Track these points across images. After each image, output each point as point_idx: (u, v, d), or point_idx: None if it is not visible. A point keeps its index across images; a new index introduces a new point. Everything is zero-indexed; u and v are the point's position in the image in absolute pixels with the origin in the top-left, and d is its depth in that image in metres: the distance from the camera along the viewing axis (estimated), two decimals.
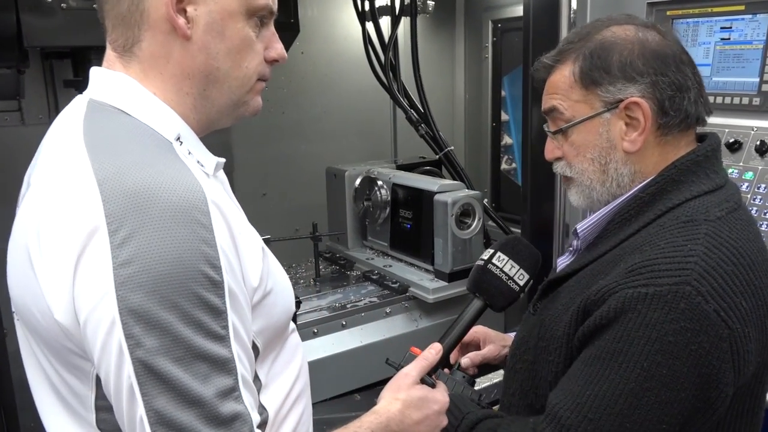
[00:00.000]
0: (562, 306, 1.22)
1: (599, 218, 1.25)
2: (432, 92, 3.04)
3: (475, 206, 2.28)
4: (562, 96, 1.22)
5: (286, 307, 1.09)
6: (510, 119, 3.13)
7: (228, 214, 0.89)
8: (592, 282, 1.16)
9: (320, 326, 2.13)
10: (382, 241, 2.59)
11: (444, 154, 2.65)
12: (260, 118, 2.88)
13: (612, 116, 1.19)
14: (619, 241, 1.18)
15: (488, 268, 1.36)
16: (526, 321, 1.38)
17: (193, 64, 0.98)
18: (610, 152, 1.21)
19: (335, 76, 3.02)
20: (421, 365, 1.27)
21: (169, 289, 0.80)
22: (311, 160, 2.95)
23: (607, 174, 1.22)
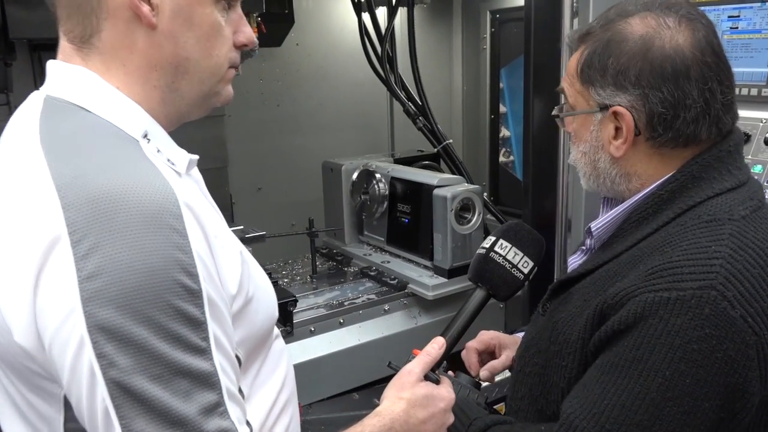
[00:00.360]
0: (576, 308, 1.15)
1: (614, 216, 1.18)
2: (429, 84, 2.97)
3: (475, 201, 2.21)
4: (570, 82, 1.17)
5: (268, 313, 1.02)
6: (508, 111, 3.07)
7: (203, 217, 0.82)
8: (608, 284, 1.09)
9: (317, 324, 2.07)
10: (378, 236, 2.51)
11: (442, 147, 2.58)
12: (255, 111, 2.87)
13: (603, 117, 1.13)
14: (637, 241, 1.11)
15: (490, 257, 1.29)
16: (535, 322, 1.31)
17: (160, 55, 0.90)
18: (597, 151, 1.16)
19: (331, 69, 2.95)
20: (424, 361, 1.20)
21: (141, 301, 0.73)
22: (307, 154, 2.88)
23: (597, 171, 1.17)
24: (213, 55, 0.95)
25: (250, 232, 2.22)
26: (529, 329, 1.34)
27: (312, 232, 2.35)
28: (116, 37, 0.89)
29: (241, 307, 0.91)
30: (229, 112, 2.70)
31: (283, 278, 2.37)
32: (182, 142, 2.48)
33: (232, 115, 2.72)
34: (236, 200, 2.79)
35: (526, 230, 1.32)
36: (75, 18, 0.88)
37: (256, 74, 2.78)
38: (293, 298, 1.88)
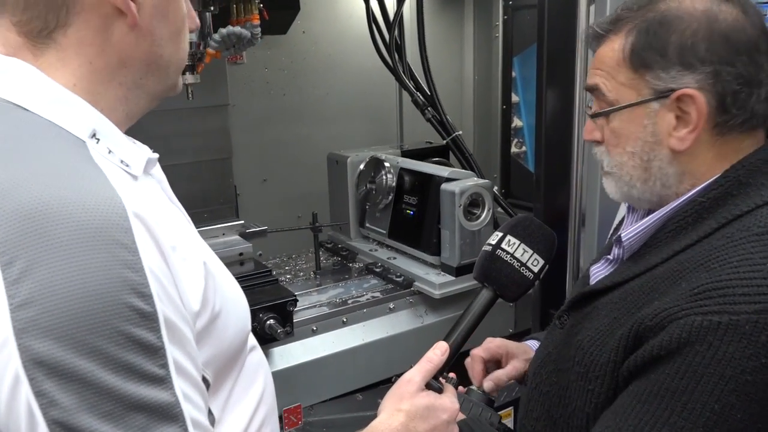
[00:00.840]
0: (605, 327, 1.03)
1: (649, 225, 1.06)
2: (439, 73, 2.85)
3: (484, 196, 2.10)
4: (607, 74, 1.04)
5: (239, 327, 0.92)
6: (520, 101, 2.94)
7: (157, 227, 0.73)
8: (643, 301, 0.98)
9: (319, 323, 1.97)
10: (380, 229, 2.39)
11: (451, 139, 2.47)
12: (260, 101, 2.77)
13: (660, 107, 1.00)
14: (674, 252, 1.00)
15: (497, 255, 1.18)
16: (552, 334, 1.21)
17: (135, 53, 0.83)
18: (654, 148, 1.02)
19: (339, 57, 2.84)
20: (425, 369, 1.10)
21: (84, 330, 0.63)
22: (314, 145, 2.78)
23: (649, 172, 1.04)
24: (181, 50, 0.90)
25: (251, 227, 2.13)
26: (545, 342, 1.23)
27: (315, 227, 2.25)
28: (87, 33, 0.80)
29: (206, 324, 0.81)
30: (234, 102, 2.61)
31: (285, 274, 2.28)
32: (185, 132, 2.40)
33: (237, 104, 2.63)
34: (241, 192, 2.70)
35: (536, 225, 1.21)
36: (35, 9, 0.79)
37: (261, 63, 2.68)
38: (293, 298, 1.79)
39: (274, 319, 1.74)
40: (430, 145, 2.65)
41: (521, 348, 1.40)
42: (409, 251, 2.29)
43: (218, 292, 0.85)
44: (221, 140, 2.61)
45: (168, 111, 2.46)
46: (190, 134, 2.54)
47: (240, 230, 2.09)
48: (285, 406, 1.89)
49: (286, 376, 1.88)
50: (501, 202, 2.46)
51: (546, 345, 1.22)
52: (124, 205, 0.69)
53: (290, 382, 1.89)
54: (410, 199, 2.27)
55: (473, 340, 1.29)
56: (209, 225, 2.09)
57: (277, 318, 1.74)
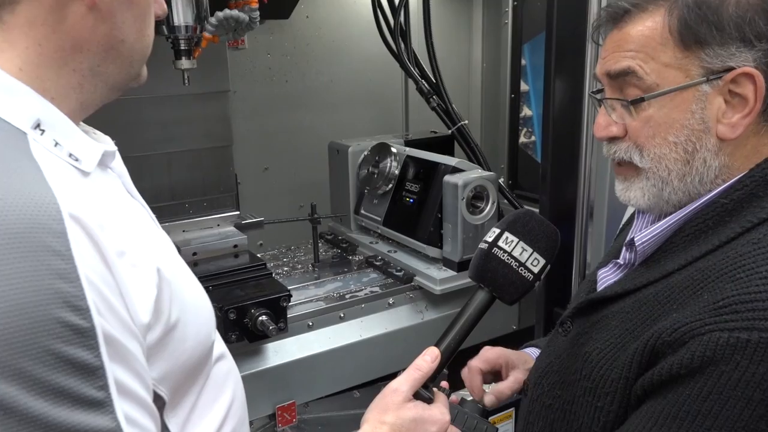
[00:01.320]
0: (616, 339, 0.94)
1: (665, 228, 0.96)
2: (447, 61, 2.75)
3: (488, 189, 2.01)
4: (645, 55, 0.91)
5: (200, 338, 0.84)
6: (530, 90, 2.83)
7: (99, 229, 0.65)
8: (660, 312, 0.89)
9: (316, 319, 1.89)
10: (375, 216, 2.28)
11: (457, 128, 2.37)
12: (262, 87, 2.67)
13: (712, 89, 0.89)
14: (693, 259, 0.90)
15: (493, 253, 1.06)
16: (554, 342, 1.11)
17: (92, 36, 0.75)
18: (701, 137, 0.91)
19: (343, 43, 2.74)
20: (413, 377, 1.01)
21: (6, 351, 0.55)
22: (317, 133, 2.68)
23: (691, 165, 0.92)
24: (145, 36, 0.81)
25: (247, 218, 2.05)
26: (546, 351, 1.14)
27: (314, 218, 2.16)
28: (37, 12, 0.71)
29: (160, 337, 0.73)
30: (235, 88, 2.52)
31: (283, 266, 2.19)
32: (184, 119, 2.32)
33: (238, 91, 2.54)
34: (241, 181, 2.62)
35: (537, 221, 1.09)
36: None
37: (263, 48, 2.58)
38: (286, 293, 1.71)
39: (267, 315, 1.66)
40: (435, 134, 2.55)
41: (521, 357, 1.32)
42: (403, 240, 2.18)
43: (175, 301, 0.77)
44: (221, 127, 2.53)
45: (166, 97, 2.38)
46: (189, 121, 2.46)
47: (235, 221, 2.02)
48: (279, 403, 1.82)
49: (281, 372, 1.81)
50: (507, 195, 2.36)
51: (548, 353, 1.13)
52: (59, 206, 0.61)
53: (284, 378, 1.82)
54: (412, 186, 2.17)
55: (470, 342, 1.20)
56: (204, 215, 2.00)
57: (270, 314, 1.67)
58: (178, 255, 0.89)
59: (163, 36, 2.02)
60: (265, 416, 1.85)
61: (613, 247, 1.18)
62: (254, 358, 1.79)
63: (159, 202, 2.46)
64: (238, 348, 1.74)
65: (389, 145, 2.27)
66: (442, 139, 2.49)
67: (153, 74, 2.33)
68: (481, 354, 1.31)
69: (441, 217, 2.04)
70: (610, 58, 0.96)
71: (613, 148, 0.99)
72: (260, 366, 1.79)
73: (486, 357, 1.30)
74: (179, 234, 1.93)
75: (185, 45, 2.01)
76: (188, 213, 2.49)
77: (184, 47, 2.01)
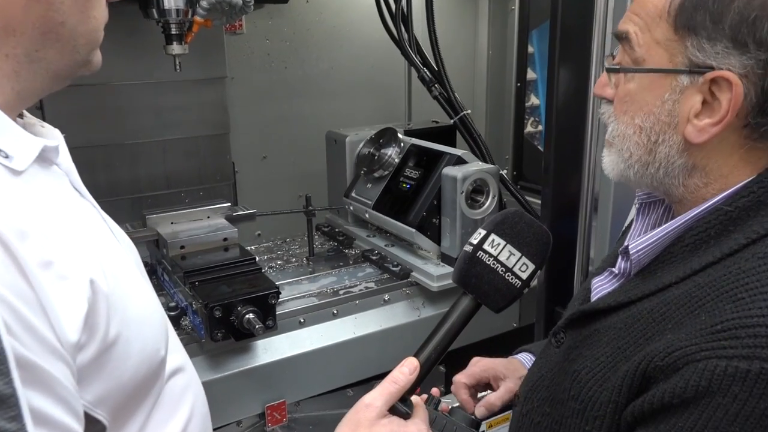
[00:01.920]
0: (606, 357, 0.85)
1: (663, 236, 0.87)
2: (451, 48, 2.65)
3: (489, 182, 1.91)
4: (644, 24, 0.83)
5: (147, 354, 0.76)
6: (538, 78, 2.73)
7: (19, 238, 0.57)
8: (653, 331, 0.80)
9: (308, 315, 1.81)
10: (366, 199, 2.15)
11: (459, 118, 2.27)
12: (260, 74, 2.57)
13: (690, 84, 0.80)
14: (692, 272, 0.81)
15: (478, 257, 0.96)
16: (547, 353, 1.03)
17: (26, 19, 0.66)
18: (665, 130, 0.83)
19: (344, 29, 2.64)
20: (389, 391, 0.91)
21: None
22: (317, 121, 2.59)
23: (653, 155, 0.85)
24: (91, 18, 0.73)
25: (239, 209, 1.97)
26: (539, 363, 1.05)
27: (309, 210, 2.08)
28: None
29: (95, 356, 0.65)
30: (232, 74, 2.44)
31: (277, 259, 2.11)
32: (179, 106, 2.23)
33: (236, 77, 2.46)
34: (239, 170, 2.55)
35: (527, 222, 0.98)
36: None
37: (261, 33, 2.49)
38: (275, 290, 1.62)
39: (254, 313, 1.58)
40: (436, 124, 2.45)
41: (511, 367, 1.23)
42: (390, 226, 2.05)
43: (115, 315, 0.69)
44: (219, 115, 2.45)
45: (161, 83, 2.30)
46: (185, 108, 2.38)
47: (226, 213, 1.93)
48: (269, 402, 1.75)
49: (270, 370, 1.74)
50: (510, 187, 2.26)
51: (540, 366, 1.05)
52: None
53: (274, 376, 1.75)
54: (411, 173, 2.06)
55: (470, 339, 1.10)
56: (194, 207, 1.92)
57: (257, 312, 1.58)
58: (129, 261, 0.81)
59: (153, 20, 1.94)
60: (254, 415, 1.77)
61: (612, 253, 1.09)
62: (243, 356, 1.72)
63: (154, 190, 2.39)
64: (225, 345, 1.66)
65: (396, 131, 2.17)
66: (443, 129, 2.39)
67: (147, 60, 2.26)
68: (467, 368, 1.23)
69: (437, 205, 1.94)
70: (624, 17, 0.88)
71: (602, 109, 0.93)
72: (249, 364, 1.71)
73: (471, 371, 1.22)
74: (167, 226, 1.84)
75: (176, 29, 1.92)
76: (184, 202, 2.42)
77: (175, 32, 1.92)
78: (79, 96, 2.17)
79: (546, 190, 1.97)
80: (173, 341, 0.91)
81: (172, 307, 1.68)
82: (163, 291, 1.86)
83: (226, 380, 1.68)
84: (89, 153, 2.21)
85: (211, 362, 1.68)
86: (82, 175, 0.85)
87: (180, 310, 1.69)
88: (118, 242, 0.87)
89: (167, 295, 1.83)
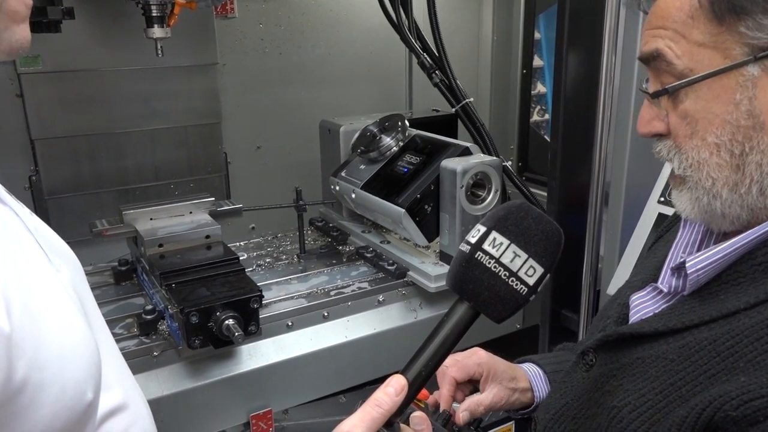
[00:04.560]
0: (656, 396, 0.69)
1: (731, 252, 0.71)
2: (454, 33, 2.47)
3: (491, 176, 1.74)
4: (675, 33, 0.69)
5: (69, 401, 0.61)
6: (545, 65, 2.55)
7: None
8: (718, 367, 0.64)
9: (296, 318, 1.65)
10: (355, 179, 1.96)
11: (461, 106, 2.10)
12: (254, 60, 2.39)
13: (762, 72, 0.64)
14: (767, 297, 0.65)
15: (477, 259, 0.78)
16: (573, 377, 0.86)
17: None
18: (751, 135, 0.67)
19: (342, 12, 2.47)
20: (371, 417, 0.74)
21: None
22: (313, 109, 2.42)
23: (743, 172, 0.69)
24: None
25: (223, 204, 1.81)
26: (563, 387, 0.88)
27: (299, 205, 1.91)
28: None
29: None
30: (224, 61, 2.28)
31: (266, 257, 1.95)
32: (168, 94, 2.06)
33: (227, 63, 2.30)
34: (232, 160, 2.39)
35: (535, 217, 0.80)
36: None
37: (254, 17, 2.32)
38: (257, 294, 1.46)
39: (234, 319, 1.42)
40: (437, 113, 2.28)
41: (509, 372, 1.06)
42: (377, 206, 1.85)
43: (22, 357, 0.54)
44: (210, 103, 2.30)
45: (148, 70, 2.14)
46: (174, 96, 2.22)
47: (210, 209, 1.77)
48: (253, 412, 1.60)
49: (255, 377, 1.58)
50: (515, 179, 2.09)
51: (564, 391, 0.88)
52: None
53: (259, 384, 1.59)
54: (413, 158, 1.88)
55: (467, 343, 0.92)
56: (175, 202, 1.76)
57: (238, 317, 1.43)
58: (56, 285, 0.65)
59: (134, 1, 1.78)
60: (238, 425, 1.62)
61: (648, 263, 0.91)
62: (225, 362, 1.56)
63: (142, 182, 2.24)
64: (205, 351, 1.51)
65: (403, 118, 2.00)
66: (444, 118, 2.22)
67: (134, 45, 2.09)
68: (461, 360, 1.05)
69: (434, 191, 1.77)
70: (643, 38, 0.73)
71: (657, 146, 0.76)
72: (232, 371, 1.56)
73: (465, 365, 1.04)
74: (146, 222, 1.68)
75: (157, 11, 1.75)
76: (174, 195, 2.27)
77: (156, 13, 1.76)
78: (61, 83, 2.02)
79: (552, 182, 1.81)
80: (111, 376, 0.76)
81: (148, 311, 1.52)
82: (142, 292, 1.71)
83: (207, 389, 1.53)
84: (72, 143, 2.07)
85: (191, 369, 1.53)
86: (64, 167, 0.70)
87: (157, 313, 1.53)
88: (47, 260, 0.71)
89: (146, 297, 1.67)
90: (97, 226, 1.68)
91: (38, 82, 1.98)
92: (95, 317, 0.83)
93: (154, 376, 1.49)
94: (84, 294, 0.81)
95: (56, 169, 2.03)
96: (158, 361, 1.50)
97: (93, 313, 0.83)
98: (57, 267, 0.74)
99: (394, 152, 1.94)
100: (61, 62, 1.99)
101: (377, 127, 2.02)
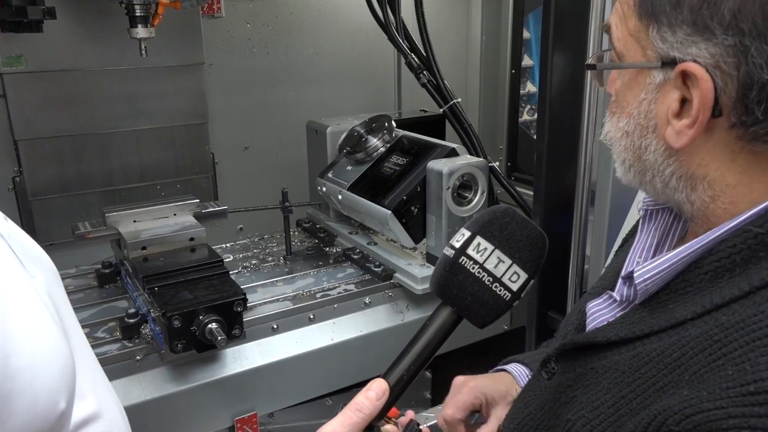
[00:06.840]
0: (607, 408, 0.67)
1: (676, 262, 0.69)
2: (443, 33, 2.46)
3: (477, 177, 1.72)
4: (622, 14, 0.69)
5: (38, 411, 0.60)
6: (535, 64, 2.53)
7: None
8: (665, 380, 0.62)
9: (281, 321, 1.64)
10: (342, 180, 1.94)
11: (449, 107, 2.08)
12: (241, 60, 2.37)
13: (665, 80, 0.64)
14: (713, 307, 0.63)
15: (460, 264, 0.77)
16: (536, 386, 0.85)
17: None
18: (647, 134, 0.69)
19: (330, 12, 2.44)
20: (351, 421, 0.73)
21: None
22: (300, 110, 2.40)
23: (643, 162, 0.70)
24: None
25: (208, 206, 1.79)
26: (527, 397, 0.87)
27: (285, 206, 1.89)
28: None
29: None
30: (211, 60, 2.25)
31: (252, 259, 1.93)
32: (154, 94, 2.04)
33: (214, 63, 2.27)
34: (219, 161, 2.37)
35: (519, 222, 0.79)
36: None
37: (241, 16, 2.30)
38: (241, 297, 1.44)
39: (217, 323, 1.40)
40: (425, 113, 2.26)
41: (501, 388, 1.05)
42: (364, 208, 1.83)
43: None
44: (196, 103, 2.27)
45: (133, 69, 2.11)
46: (160, 96, 2.19)
47: (195, 210, 1.75)
48: (238, 415, 1.58)
49: (240, 381, 1.57)
50: (502, 179, 2.07)
51: (527, 401, 0.87)
52: None
53: (244, 388, 1.57)
54: (399, 159, 1.87)
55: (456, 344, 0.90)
56: (159, 203, 1.74)
57: (221, 321, 1.41)
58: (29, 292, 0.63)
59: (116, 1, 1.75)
60: (224, 429, 1.60)
61: (609, 270, 0.90)
62: (209, 366, 1.54)
63: (127, 183, 2.21)
64: (188, 355, 1.49)
65: (390, 119, 1.98)
66: (432, 119, 2.20)
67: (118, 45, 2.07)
68: (455, 400, 1.04)
69: (421, 193, 1.75)
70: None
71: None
72: (216, 374, 1.54)
73: (462, 402, 1.03)
74: (129, 224, 1.66)
75: (141, 11, 1.73)
76: (160, 196, 2.24)
77: (139, 13, 1.74)
78: (45, 83, 1.99)
79: (538, 182, 1.79)
80: (86, 384, 0.74)
81: (131, 314, 1.50)
82: (125, 295, 1.68)
83: (190, 392, 1.51)
84: (57, 143, 2.04)
85: (174, 373, 1.51)
86: (49, 168, 0.68)
87: (140, 316, 1.51)
88: (21, 266, 0.69)
89: (129, 300, 1.65)
90: (79, 229, 1.66)
91: (21, 82, 1.95)
92: (71, 324, 0.81)
93: (136, 381, 1.47)
94: (59, 300, 0.79)
95: (40, 170, 2.00)
96: (141, 365, 1.48)
97: (69, 319, 0.81)
98: (31, 273, 0.72)
99: (381, 153, 1.92)
100: (44, 62, 1.97)
101: (364, 128, 2.00)
